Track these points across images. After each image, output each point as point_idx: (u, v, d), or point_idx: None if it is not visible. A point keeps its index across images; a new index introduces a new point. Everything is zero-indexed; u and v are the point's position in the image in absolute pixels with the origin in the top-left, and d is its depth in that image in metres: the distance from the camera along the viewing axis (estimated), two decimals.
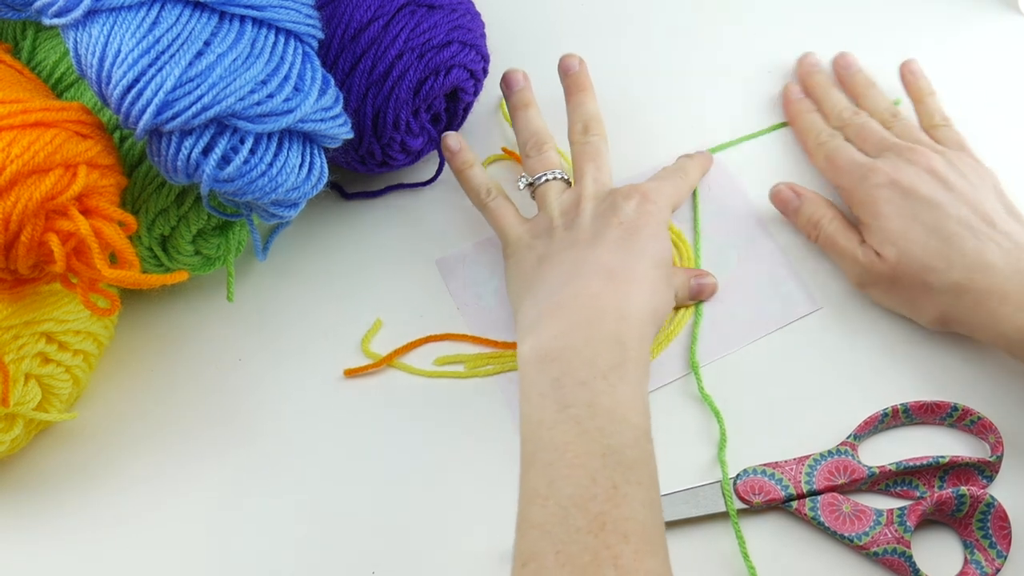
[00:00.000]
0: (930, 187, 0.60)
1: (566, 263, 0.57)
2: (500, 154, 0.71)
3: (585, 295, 0.54)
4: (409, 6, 0.62)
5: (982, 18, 0.75)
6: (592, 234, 0.58)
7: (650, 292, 0.56)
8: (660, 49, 0.75)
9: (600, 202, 0.61)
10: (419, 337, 0.64)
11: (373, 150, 0.65)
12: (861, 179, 0.62)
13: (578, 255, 0.57)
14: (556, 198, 0.62)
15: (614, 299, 0.54)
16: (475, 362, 0.63)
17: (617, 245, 0.57)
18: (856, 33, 0.74)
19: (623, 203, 0.60)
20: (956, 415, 0.58)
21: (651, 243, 0.58)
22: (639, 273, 0.56)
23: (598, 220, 0.59)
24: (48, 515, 0.59)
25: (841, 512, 0.55)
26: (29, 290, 0.54)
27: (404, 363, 0.63)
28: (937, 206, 0.59)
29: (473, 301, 0.65)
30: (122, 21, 0.50)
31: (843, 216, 0.63)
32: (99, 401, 0.63)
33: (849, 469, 0.56)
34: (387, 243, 0.68)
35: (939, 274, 0.57)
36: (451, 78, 0.64)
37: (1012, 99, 0.71)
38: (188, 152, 0.51)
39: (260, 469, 0.60)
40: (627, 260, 0.57)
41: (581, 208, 0.60)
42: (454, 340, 0.64)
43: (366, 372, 0.62)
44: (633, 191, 0.61)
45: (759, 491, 0.56)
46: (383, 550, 0.57)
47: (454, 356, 0.63)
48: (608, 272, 0.56)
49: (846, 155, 0.64)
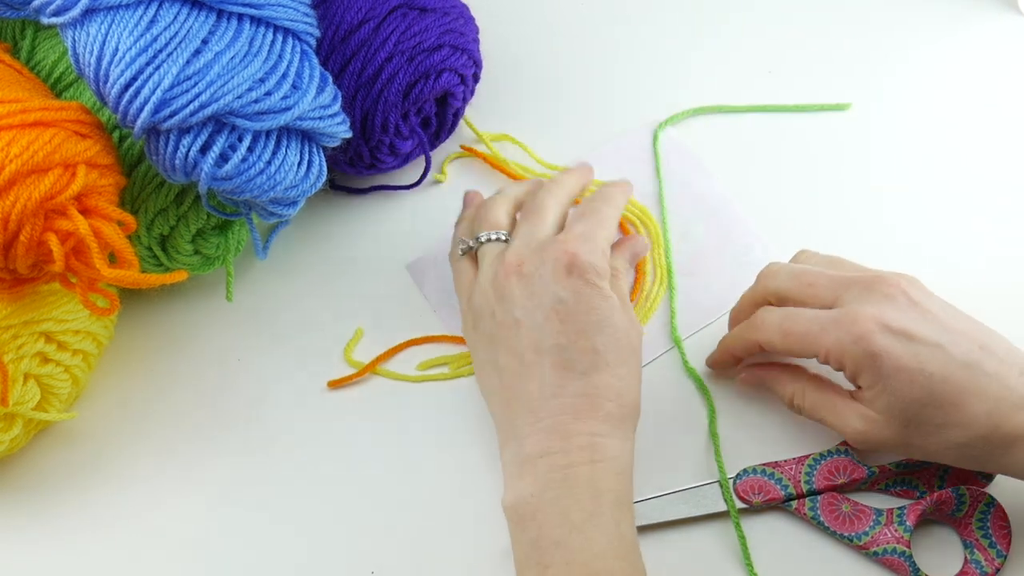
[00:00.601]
0: (924, 326, 0.52)
1: (525, 380, 0.53)
2: (459, 151, 0.71)
3: (557, 450, 0.51)
4: (400, 8, 0.62)
5: (982, 18, 0.75)
6: (532, 330, 0.54)
7: (617, 401, 0.53)
8: (653, 57, 0.75)
9: (527, 280, 0.55)
10: (400, 342, 0.63)
11: (362, 152, 0.65)
12: (848, 341, 0.52)
13: (527, 368, 0.53)
14: (488, 266, 0.57)
15: (586, 441, 0.51)
16: (459, 362, 0.63)
17: (563, 353, 0.53)
18: (856, 33, 0.74)
19: (552, 283, 0.54)
20: None
21: (597, 336, 0.53)
22: (602, 387, 0.52)
23: (532, 309, 0.54)
24: (48, 515, 0.59)
25: (841, 512, 0.55)
26: (28, 290, 0.54)
27: (387, 369, 0.63)
28: (939, 346, 0.51)
29: (449, 302, 0.65)
30: (120, 19, 0.50)
31: (817, 379, 0.57)
32: (98, 401, 0.63)
33: (849, 469, 0.56)
34: (374, 244, 0.68)
35: (962, 430, 0.51)
36: (441, 82, 0.64)
37: (1012, 99, 0.71)
38: (186, 150, 0.51)
39: (260, 469, 0.60)
40: (584, 378, 0.52)
41: (508, 288, 0.55)
42: (436, 342, 0.64)
43: (351, 381, 0.62)
44: (558, 260, 0.54)
45: (759, 491, 0.56)
46: (382, 550, 0.57)
47: (437, 359, 0.63)
48: (573, 400, 0.52)
49: (803, 316, 0.54)
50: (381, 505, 0.58)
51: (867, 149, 0.70)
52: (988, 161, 0.68)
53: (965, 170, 0.68)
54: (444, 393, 0.62)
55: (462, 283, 0.60)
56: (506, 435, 0.54)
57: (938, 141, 0.70)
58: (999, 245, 0.65)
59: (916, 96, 0.72)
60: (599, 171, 0.67)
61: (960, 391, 0.50)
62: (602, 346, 0.53)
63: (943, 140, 0.70)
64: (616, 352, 0.53)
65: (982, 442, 0.51)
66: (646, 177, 0.69)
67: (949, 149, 0.69)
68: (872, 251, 0.61)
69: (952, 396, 0.50)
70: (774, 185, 0.68)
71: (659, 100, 0.72)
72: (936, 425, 0.51)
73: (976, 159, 0.69)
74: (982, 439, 0.51)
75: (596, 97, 0.73)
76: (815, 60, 0.74)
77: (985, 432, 0.50)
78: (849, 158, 0.69)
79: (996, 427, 0.50)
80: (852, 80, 0.72)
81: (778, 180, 0.68)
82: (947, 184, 0.68)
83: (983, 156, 0.68)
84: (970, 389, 0.50)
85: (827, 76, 0.73)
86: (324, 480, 0.59)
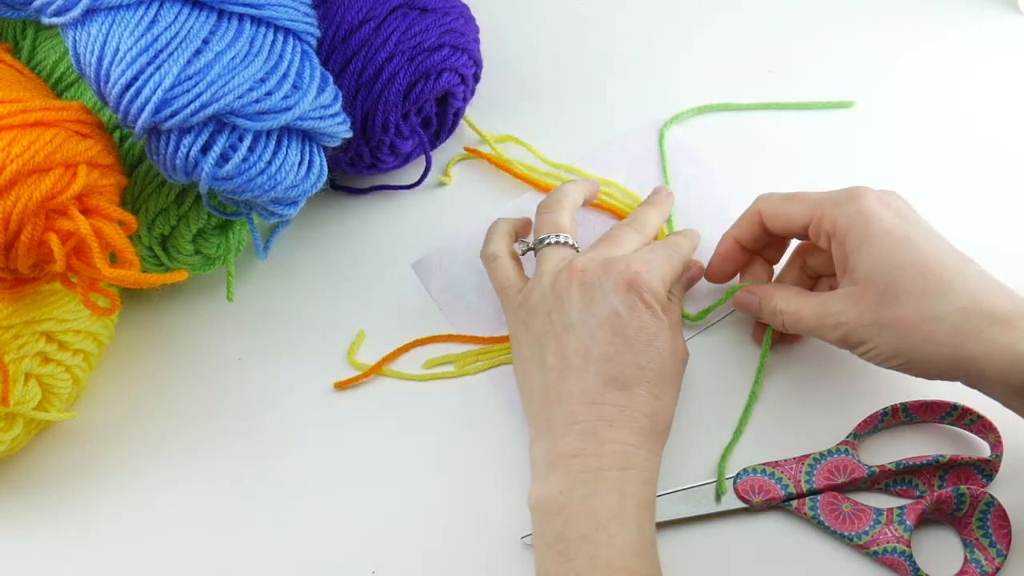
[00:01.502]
0: (912, 214, 0.55)
1: (568, 381, 0.55)
2: (463, 153, 0.71)
3: (589, 453, 0.53)
4: (401, 9, 0.62)
5: (982, 18, 0.75)
6: (584, 336, 0.55)
7: (652, 418, 0.55)
8: (655, 56, 0.75)
9: (588, 288, 0.57)
10: (404, 344, 0.64)
11: (362, 152, 0.65)
12: (845, 201, 0.56)
13: (573, 371, 0.55)
14: (552, 268, 0.59)
15: (619, 448, 0.53)
16: (464, 360, 0.63)
17: (609, 364, 0.55)
18: (857, 33, 0.74)
19: (612, 294, 0.56)
20: (956, 414, 0.58)
21: (644, 354, 0.55)
22: (640, 402, 0.54)
23: (587, 315, 0.56)
24: (48, 514, 0.59)
25: (841, 511, 0.55)
26: (29, 289, 0.54)
27: (393, 369, 0.63)
28: (930, 230, 0.54)
29: (455, 300, 0.65)
30: (121, 20, 0.50)
31: (800, 288, 0.59)
32: (99, 401, 0.63)
33: (849, 468, 0.56)
34: (374, 244, 0.68)
35: (940, 300, 0.52)
36: (441, 82, 0.64)
37: (1012, 99, 0.71)
38: (187, 150, 0.51)
39: (260, 468, 0.60)
40: (625, 391, 0.54)
41: (569, 291, 0.57)
42: (440, 342, 0.64)
43: (357, 383, 0.62)
44: (621, 274, 0.56)
45: (759, 490, 0.56)
46: (383, 550, 0.57)
47: (443, 357, 0.63)
48: (611, 409, 0.54)
49: (802, 192, 0.59)
50: (380, 504, 0.58)
51: (867, 147, 0.70)
52: (988, 160, 0.68)
53: (965, 169, 0.68)
54: (450, 392, 0.62)
55: (505, 281, 0.61)
56: (539, 430, 0.56)
57: (938, 140, 0.70)
58: (998, 244, 0.65)
59: (916, 95, 0.72)
60: (604, 170, 0.68)
61: (943, 264, 0.52)
62: (647, 364, 0.55)
63: (943, 139, 0.70)
64: (659, 372, 0.55)
65: (959, 316, 0.51)
66: (651, 175, 0.69)
67: (949, 148, 0.69)
68: None
69: (934, 266, 0.52)
70: (776, 182, 0.68)
71: (659, 99, 0.72)
72: (915, 294, 0.52)
73: (976, 158, 0.69)
74: (959, 312, 0.51)
75: (595, 97, 0.73)
76: (815, 60, 0.74)
77: (963, 305, 0.51)
78: (850, 156, 0.69)
79: (975, 302, 0.51)
80: (852, 80, 0.72)
81: (780, 177, 0.68)
82: (946, 183, 0.68)
83: (983, 155, 0.68)
84: (954, 266, 0.52)
85: (827, 75, 0.73)
86: (324, 480, 0.59)
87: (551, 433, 0.55)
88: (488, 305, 0.65)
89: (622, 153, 0.70)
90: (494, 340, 0.63)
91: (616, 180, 0.69)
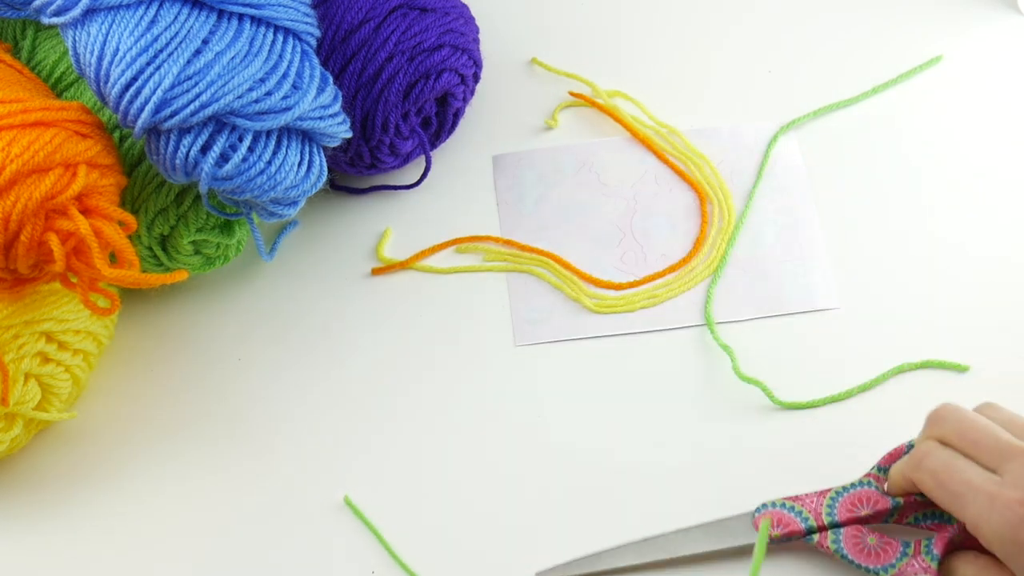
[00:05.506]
0: None
1: None
2: (571, 100, 0.72)
3: None
4: (401, 8, 0.62)
5: (982, 18, 0.75)
6: None
7: None
8: (657, 55, 0.75)
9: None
10: (443, 240, 0.67)
11: (362, 152, 0.65)
12: (994, 516, 0.47)
13: None
14: None
15: None
16: (493, 255, 0.66)
17: None
18: (855, 34, 0.74)
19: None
20: None
21: None
22: None
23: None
24: (48, 515, 0.59)
25: (866, 544, 0.52)
26: (29, 289, 0.54)
27: (426, 264, 0.66)
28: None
29: (514, 201, 0.68)
30: (120, 19, 0.50)
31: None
32: (99, 401, 0.63)
33: (872, 500, 0.53)
34: (374, 244, 0.67)
35: None
36: (442, 82, 0.64)
37: (1012, 99, 0.71)
38: (187, 150, 0.51)
39: (260, 468, 0.60)
40: None
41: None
42: (479, 241, 0.67)
43: (391, 270, 0.65)
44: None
45: (778, 523, 0.53)
46: (383, 549, 0.57)
47: (475, 247, 0.67)
48: None
49: (959, 473, 0.49)
50: (380, 504, 0.58)
51: (867, 148, 0.70)
52: (988, 161, 0.68)
53: (964, 170, 0.68)
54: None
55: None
56: None
57: (937, 140, 0.69)
58: (998, 244, 0.65)
59: (915, 95, 0.72)
60: (707, 147, 0.69)
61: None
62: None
63: (942, 139, 0.69)
64: None
65: None
66: (748, 171, 0.69)
67: (948, 148, 0.69)
68: None
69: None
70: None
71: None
72: None
73: (975, 159, 0.69)
74: None
75: None
76: (813, 59, 0.74)
77: None
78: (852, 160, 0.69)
79: None
80: (852, 79, 0.72)
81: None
82: (946, 183, 0.68)
83: (983, 156, 0.68)
84: None
85: (827, 75, 0.73)
86: (324, 480, 0.59)
87: None
88: (540, 217, 0.68)
89: (731, 138, 0.70)
90: (529, 249, 0.66)
91: (709, 157, 0.69)
